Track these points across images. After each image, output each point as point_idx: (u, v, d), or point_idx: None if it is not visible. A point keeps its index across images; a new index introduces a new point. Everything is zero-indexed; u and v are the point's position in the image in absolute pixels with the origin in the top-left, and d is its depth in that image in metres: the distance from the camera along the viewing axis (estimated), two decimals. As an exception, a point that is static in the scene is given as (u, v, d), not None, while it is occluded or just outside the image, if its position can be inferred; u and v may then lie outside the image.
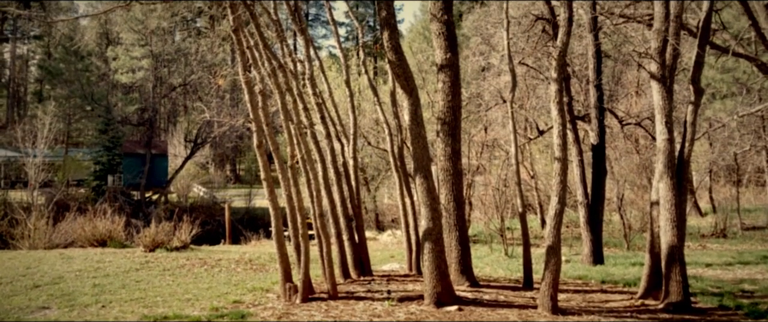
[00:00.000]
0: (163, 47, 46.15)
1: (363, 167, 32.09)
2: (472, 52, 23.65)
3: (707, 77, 31.00)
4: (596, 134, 14.86)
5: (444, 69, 8.53)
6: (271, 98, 11.00)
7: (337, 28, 13.29)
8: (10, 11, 44.39)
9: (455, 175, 9.12)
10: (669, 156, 8.85)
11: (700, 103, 9.85)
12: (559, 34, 8.69)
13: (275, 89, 9.20)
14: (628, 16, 14.26)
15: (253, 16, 9.46)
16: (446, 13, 8.11)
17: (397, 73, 7.66)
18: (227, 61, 55.19)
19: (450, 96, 8.65)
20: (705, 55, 9.91)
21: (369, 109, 29.50)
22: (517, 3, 18.21)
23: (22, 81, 63.43)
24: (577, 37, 17.03)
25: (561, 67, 8.64)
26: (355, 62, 31.42)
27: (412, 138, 7.76)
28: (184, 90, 52.53)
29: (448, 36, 8.23)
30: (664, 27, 9.24)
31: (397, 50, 7.59)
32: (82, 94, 43.36)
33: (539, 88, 20.74)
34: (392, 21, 7.56)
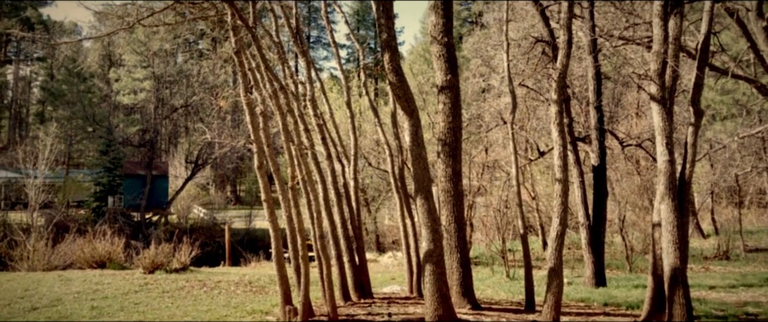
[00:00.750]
0: (165, 69, 46.47)
1: (364, 188, 32.05)
2: (472, 73, 23.77)
3: (707, 99, 31.10)
4: (597, 156, 14.85)
5: (444, 90, 8.56)
6: (272, 119, 11.04)
7: (338, 50, 13.38)
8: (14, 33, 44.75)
9: (456, 196, 9.09)
10: (670, 177, 8.83)
11: (700, 125, 9.86)
12: (559, 57, 8.74)
13: (276, 110, 9.22)
14: (627, 38, 14.37)
15: (254, 38, 9.53)
16: (446, 36, 8.17)
17: (397, 94, 7.69)
18: (229, 83, 55.51)
19: (450, 117, 8.67)
20: (704, 77, 9.95)
21: (370, 130, 29.57)
22: (517, 25, 18.36)
23: (24, 102, 63.76)
24: (576, 59, 17.13)
25: (561, 88, 8.67)
26: (356, 84, 31.60)
27: (413, 159, 7.75)
28: (186, 111, 52.74)
29: (448, 58, 8.28)
30: (663, 49, 9.30)
31: (398, 72, 7.62)
32: (84, 116, 43.53)
33: (539, 109, 20.80)
34: (393, 43, 7.60)
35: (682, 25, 9.87)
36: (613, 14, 15.32)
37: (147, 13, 10.63)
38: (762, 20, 12.58)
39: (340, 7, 14.17)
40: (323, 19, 13.83)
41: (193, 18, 12.29)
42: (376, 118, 12.91)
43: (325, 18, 13.37)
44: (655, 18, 9.44)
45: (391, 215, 32.76)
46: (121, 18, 11.03)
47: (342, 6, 19.75)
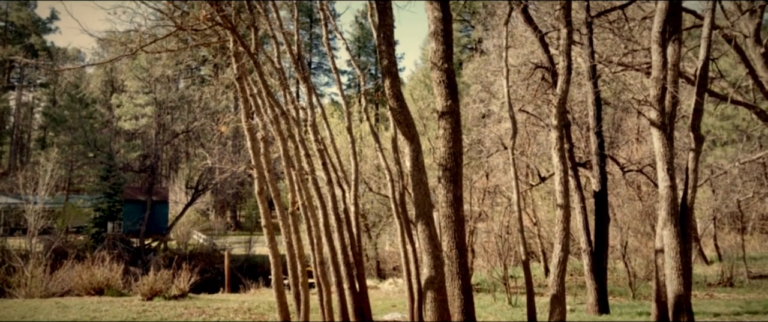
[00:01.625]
0: (166, 95, 46.76)
1: (364, 214, 31.93)
2: (472, 99, 23.90)
3: (707, 124, 31.19)
4: (598, 181, 14.82)
5: (445, 116, 8.58)
6: (273, 145, 11.05)
7: (339, 76, 13.47)
8: (17, 60, 45.19)
9: (457, 221, 9.03)
10: (672, 203, 8.80)
11: (700, 150, 9.86)
12: (559, 82, 8.79)
13: (277, 136, 9.24)
14: (626, 64, 14.47)
15: (256, 64, 9.60)
16: (447, 62, 8.21)
17: (398, 119, 7.70)
18: (230, 108, 55.80)
19: (451, 142, 8.67)
20: (704, 103, 9.99)
21: (370, 155, 29.58)
22: (517, 52, 18.51)
23: (25, 128, 64.01)
24: (576, 85, 17.22)
25: (561, 114, 8.69)
26: (357, 109, 31.73)
27: (414, 184, 7.73)
28: (187, 137, 52.90)
29: (448, 84, 8.32)
30: (662, 75, 9.35)
31: (399, 97, 7.64)
32: (85, 141, 43.65)
33: (540, 134, 20.84)
34: (393, 69, 7.64)
35: (681, 51, 9.95)
36: (612, 41, 15.45)
37: (150, 39, 10.73)
38: (760, 46, 12.68)
39: (341, 34, 14.30)
40: (324, 46, 13.95)
41: (195, 45, 12.38)
42: (377, 144, 12.93)
43: (326, 44, 13.49)
44: (654, 44, 9.52)
45: (391, 241, 32.57)
46: (124, 45, 11.12)
47: (343, 33, 20.18)
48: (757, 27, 12.76)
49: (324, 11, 13.45)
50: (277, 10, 13.60)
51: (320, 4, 13.75)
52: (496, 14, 22.50)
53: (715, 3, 10.68)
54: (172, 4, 11.01)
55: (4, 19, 57.44)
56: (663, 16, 9.49)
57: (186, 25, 10.62)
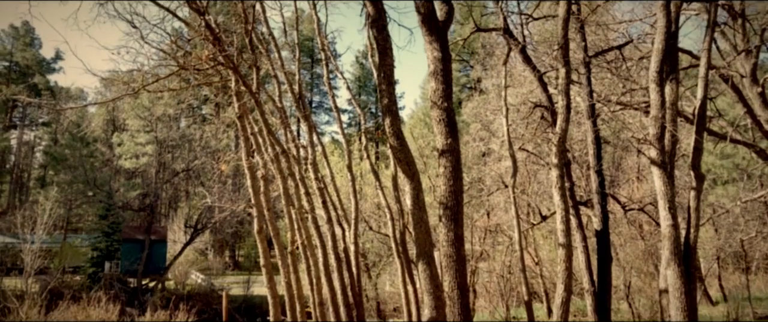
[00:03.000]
0: (167, 133, 46.98)
1: (364, 253, 31.63)
2: (472, 137, 23.99)
3: (707, 163, 31.23)
4: (599, 220, 14.72)
5: (445, 154, 8.59)
6: (273, 183, 11.02)
7: (339, 115, 13.55)
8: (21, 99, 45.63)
9: (459, 261, 8.92)
10: (675, 242, 8.71)
11: (702, 189, 9.82)
12: (558, 121, 8.83)
13: (278, 174, 9.22)
14: (624, 103, 14.57)
15: (257, 103, 9.67)
16: (446, 101, 8.27)
17: (398, 157, 7.69)
18: (231, 147, 56.00)
19: (452, 180, 8.65)
20: (703, 141, 10.01)
21: (371, 194, 29.50)
22: (516, 91, 18.68)
23: (26, 167, 64.09)
24: (575, 124, 17.30)
25: (561, 152, 8.70)
26: (358, 147, 31.82)
27: (414, 223, 7.66)
28: (187, 175, 52.90)
29: (448, 122, 8.35)
30: (660, 114, 9.40)
31: (399, 136, 7.66)
32: (85, 180, 43.62)
33: (540, 173, 20.83)
34: (393, 108, 7.68)
35: (679, 90, 10.03)
36: (610, 80, 15.60)
37: (152, 79, 10.84)
38: (757, 86, 12.79)
39: (342, 74, 14.47)
40: (326, 85, 14.10)
41: (197, 84, 12.52)
42: (377, 182, 12.92)
43: (327, 84, 13.62)
44: (652, 84, 9.60)
45: (392, 281, 32.16)
46: (126, 84, 11.23)
47: (344, 72, 20.54)
48: (754, 67, 12.90)
49: (325, 51, 13.63)
50: (279, 50, 13.80)
51: (322, 44, 13.95)
52: (494, 54, 22.81)
53: (711, 43, 10.83)
54: (175, 44, 11.17)
55: (8, 60, 58.24)
56: (660, 56, 9.60)
57: (188, 65, 10.74)
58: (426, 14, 7.83)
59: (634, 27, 15.13)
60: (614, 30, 15.12)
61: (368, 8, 7.56)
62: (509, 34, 13.01)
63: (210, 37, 10.44)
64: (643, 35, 14.35)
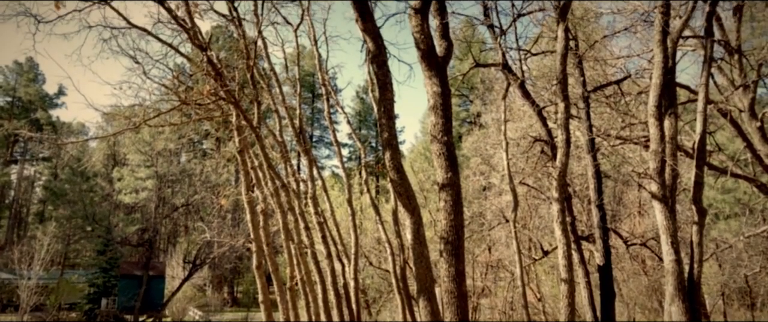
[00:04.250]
0: (168, 168, 46.99)
1: (364, 289, 31.23)
2: (472, 171, 23.98)
3: (709, 198, 31.14)
4: (602, 255, 14.58)
5: (445, 188, 8.56)
6: (272, 218, 10.95)
7: (340, 149, 13.58)
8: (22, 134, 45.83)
9: (460, 297, 8.79)
10: (678, 278, 8.61)
11: (704, 224, 9.75)
12: (558, 155, 8.83)
13: (277, 209, 9.18)
14: (624, 137, 14.61)
15: (258, 137, 9.69)
16: (446, 135, 8.29)
17: (399, 191, 7.67)
18: (231, 181, 55.95)
19: (452, 215, 8.60)
20: (704, 176, 9.99)
21: (371, 228, 29.31)
22: (515, 125, 18.76)
23: (25, 202, 63.90)
24: (575, 158, 17.31)
25: (562, 187, 8.68)
26: (358, 181, 31.78)
27: (415, 258, 7.58)
28: (186, 210, 52.69)
29: (448, 156, 8.35)
30: (660, 148, 9.41)
31: (399, 170, 7.65)
32: (84, 215, 43.45)
33: (541, 207, 20.75)
34: (394, 142, 7.69)
35: (678, 125, 10.06)
36: (609, 115, 15.68)
37: (154, 114, 10.89)
38: (755, 120, 12.84)
39: (342, 108, 14.57)
40: (326, 120, 14.18)
41: (198, 119, 12.58)
42: (378, 216, 12.85)
43: (328, 118, 13.70)
44: (651, 118, 9.64)
45: (392, 318, 31.67)
46: (128, 118, 11.29)
47: (345, 107, 20.85)
48: (752, 102, 12.98)
49: (326, 86, 13.74)
50: (281, 85, 13.92)
51: (322, 79, 14.07)
52: (493, 89, 23.00)
53: (709, 78, 10.91)
54: (176, 79, 11.27)
55: (11, 95, 58.75)
56: (658, 91, 9.66)
57: (190, 100, 10.82)
58: (425, 50, 7.91)
59: (632, 62, 15.32)
60: (612, 65, 15.27)
61: (368, 44, 7.64)
62: (508, 70, 13.13)
63: (212, 72, 10.54)
64: (640, 70, 14.48)
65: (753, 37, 21.62)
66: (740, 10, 13.04)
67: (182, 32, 10.92)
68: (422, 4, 7.90)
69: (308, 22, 14.69)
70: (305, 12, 14.72)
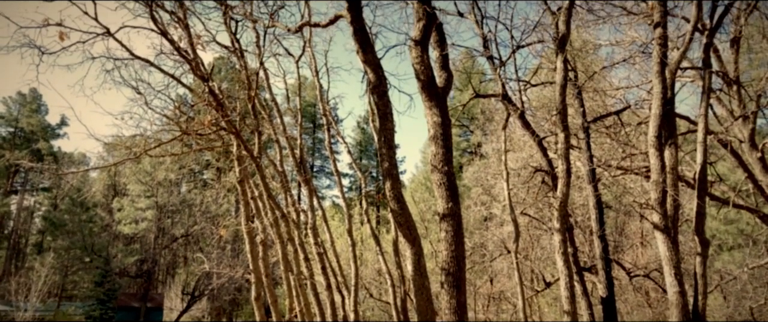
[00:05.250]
0: (168, 198, 46.90)
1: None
2: (473, 201, 23.90)
3: (711, 228, 30.96)
4: (605, 286, 14.42)
5: (446, 218, 8.52)
6: (272, 248, 10.87)
7: (340, 179, 13.56)
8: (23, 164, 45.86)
9: (461, 330, 8.66)
10: (683, 310, 8.49)
11: (707, 255, 9.66)
12: (559, 186, 8.80)
13: (277, 239, 9.12)
14: (625, 168, 14.60)
15: (258, 167, 9.68)
16: (447, 165, 8.28)
17: (399, 222, 7.62)
18: (231, 212, 55.73)
19: (453, 246, 8.53)
20: (706, 206, 9.93)
21: (371, 259, 29.08)
22: (516, 155, 18.77)
23: (24, 232, 63.58)
24: (576, 188, 17.27)
25: (563, 217, 8.62)
26: (358, 211, 31.66)
27: (416, 289, 7.49)
28: (186, 241, 52.39)
29: (449, 186, 8.33)
30: (661, 178, 9.38)
31: (399, 200, 7.62)
32: (83, 246, 43.20)
33: (543, 238, 20.61)
34: (394, 172, 7.68)
35: (678, 155, 10.05)
36: (610, 145, 15.70)
37: (154, 143, 10.92)
38: (756, 151, 12.84)
39: (343, 138, 14.61)
40: (327, 149, 14.20)
41: (199, 148, 12.60)
42: (378, 247, 12.75)
43: (328, 148, 13.72)
44: (651, 149, 9.63)
45: (393, 350, 31.15)
46: (129, 148, 11.31)
47: (345, 137, 21.06)
48: (752, 132, 13.00)
49: (327, 116, 13.80)
50: (282, 115, 13.98)
51: (324, 109, 14.14)
52: (494, 119, 23.10)
53: (708, 109, 10.95)
54: (178, 110, 11.33)
55: (14, 125, 59.03)
56: (657, 121, 9.68)
57: (191, 130, 10.85)
58: (426, 81, 7.97)
59: (631, 93, 15.41)
60: (611, 96, 15.36)
61: (369, 75, 7.70)
62: (508, 100, 13.20)
63: (213, 102, 10.60)
64: (640, 101, 14.56)
65: (751, 68, 21.81)
66: (737, 41, 13.17)
67: (184, 63, 11.03)
68: (422, 36, 7.98)
69: (310, 53, 14.84)
70: (307, 44, 14.88)
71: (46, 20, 10.01)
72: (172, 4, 11.60)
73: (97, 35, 10.40)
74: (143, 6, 10.70)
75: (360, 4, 7.76)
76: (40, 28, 10.04)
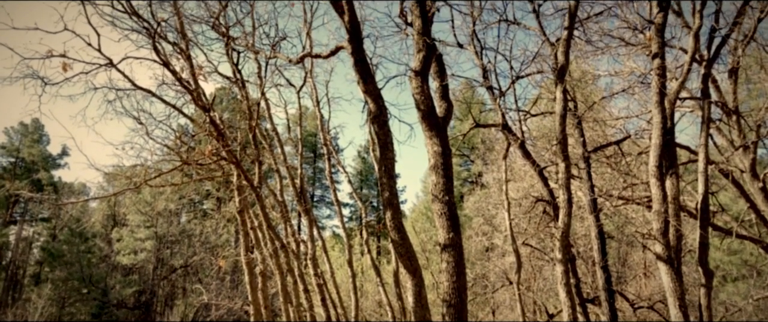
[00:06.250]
0: (167, 229, 46.70)
1: (365, 354, 30.31)
2: (475, 232, 23.77)
3: (715, 259, 30.70)
4: (608, 318, 14.21)
5: (447, 249, 8.45)
6: (271, 279, 10.75)
7: (340, 209, 13.51)
8: (22, 195, 45.84)
9: (463, 363, 8.50)
10: (689, 342, 8.34)
11: (712, 286, 9.55)
12: (560, 216, 8.75)
13: (276, 270, 9.03)
14: (626, 198, 14.54)
15: (258, 197, 9.65)
16: (448, 194, 8.25)
17: (400, 252, 7.55)
18: (230, 242, 55.40)
19: (455, 277, 8.44)
20: (709, 237, 9.86)
21: (371, 291, 28.77)
22: (517, 185, 18.74)
23: (22, 263, 63.08)
24: (578, 219, 17.18)
25: (565, 248, 8.55)
26: (359, 242, 31.46)
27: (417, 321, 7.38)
28: (185, 272, 51.97)
29: (450, 216, 8.29)
30: (663, 208, 9.33)
31: (400, 230, 7.56)
32: (81, 277, 42.84)
33: (545, 269, 20.42)
34: (395, 201, 7.64)
35: (679, 185, 10.02)
36: (611, 175, 15.67)
37: (155, 173, 10.91)
38: (758, 181, 12.81)
39: (344, 168, 14.61)
40: (327, 179, 14.19)
41: (199, 179, 12.59)
42: (378, 278, 12.63)
43: (329, 178, 13.71)
44: (652, 179, 9.61)
45: (393, 384, 30.57)
46: (129, 178, 11.30)
47: (346, 166, 21.13)
48: (753, 162, 12.99)
49: (328, 146, 13.82)
50: (282, 145, 14.01)
51: (324, 139, 14.17)
52: (494, 149, 23.13)
53: (708, 139, 10.97)
54: (179, 140, 11.35)
55: (15, 156, 59.14)
56: (658, 151, 9.69)
57: (192, 160, 10.85)
58: (426, 111, 7.99)
59: (631, 123, 15.47)
60: (611, 125, 15.40)
61: (370, 105, 7.73)
62: (508, 130, 13.24)
63: (214, 132, 10.63)
64: (640, 131, 14.59)
65: (750, 98, 21.94)
66: (735, 72, 13.26)
67: (186, 93, 11.10)
68: (422, 67, 8.04)
69: (311, 83, 14.95)
70: (308, 74, 15.01)
71: (50, 51, 10.11)
72: (175, 35, 11.75)
73: (100, 66, 10.49)
74: (146, 37, 10.82)
75: (361, 36, 7.84)
76: (44, 59, 10.13)
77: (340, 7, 7.79)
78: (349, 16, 7.72)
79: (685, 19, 13.14)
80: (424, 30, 8.18)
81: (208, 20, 12.35)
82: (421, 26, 8.14)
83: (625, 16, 12.69)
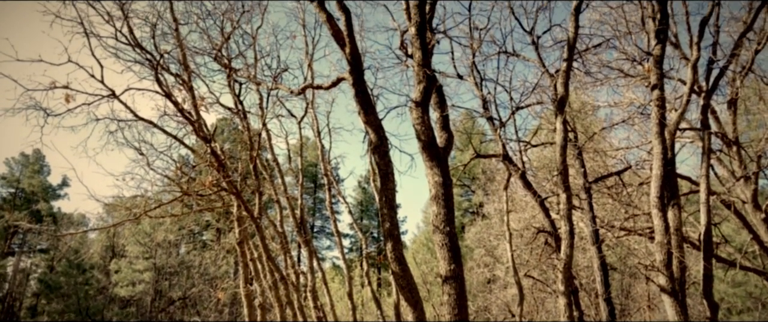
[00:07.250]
0: (166, 260, 46.35)
1: (365, 389, 29.73)
2: (476, 263, 23.56)
3: (719, 291, 30.36)
4: (613, 352, 13.97)
5: (449, 281, 8.36)
6: (270, 312, 10.61)
7: (341, 240, 13.42)
8: (21, 226, 45.70)
9: (466, 398, 8.32)
10: (697, 377, 8.18)
11: (717, 318, 9.42)
12: (563, 247, 8.68)
13: (276, 303, 8.92)
14: (628, 229, 14.45)
15: (258, 228, 9.59)
16: (449, 225, 8.20)
17: (401, 284, 7.47)
18: (230, 274, 54.87)
19: (456, 309, 8.32)
20: (712, 269, 9.76)
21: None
22: (518, 216, 18.64)
23: (18, 295, 62.43)
24: (580, 250, 17.04)
25: (568, 279, 8.46)
26: (359, 273, 31.19)
27: (418, 356, 7.25)
28: (183, 304, 51.37)
29: (451, 247, 8.22)
30: (665, 240, 9.26)
31: (401, 261, 7.49)
32: (78, 309, 42.33)
33: (548, 301, 20.17)
34: (396, 232, 7.59)
35: (681, 216, 9.97)
36: (612, 205, 15.60)
37: (155, 204, 10.87)
38: (760, 212, 12.74)
39: (344, 198, 14.57)
40: (328, 210, 14.13)
41: (199, 210, 12.54)
42: (379, 311, 12.46)
43: (329, 208, 13.65)
44: (654, 209, 9.56)
45: None
46: (129, 209, 11.25)
47: (346, 197, 21.13)
48: (754, 193, 12.95)
49: (328, 176, 13.81)
50: (283, 175, 14.00)
51: (325, 169, 14.17)
52: (495, 179, 23.09)
53: (709, 170, 10.95)
54: (180, 170, 11.35)
55: (15, 186, 59.10)
56: (659, 182, 9.66)
57: (192, 191, 10.83)
58: (426, 141, 8.00)
59: (632, 153, 15.48)
60: (612, 156, 15.41)
61: (370, 135, 7.75)
62: (509, 161, 13.24)
63: (215, 163, 10.63)
64: (641, 161, 14.59)
65: (749, 129, 22.00)
66: (734, 103, 13.33)
67: (187, 124, 11.15)
68: (423, 98, 8.09)
69: (312, 114, 15.03)
70: (309, 105, 15.10)
71: (54, 83, 10.19)
72: (178, 67, 11.87)
73: (102, 97, 10.57)
74: (149, 69, 10.92)
75: (362, 67, 7.91)
76: (47, 91, 10.21)
77: (342, 39, 7.88)
78: (350, 48, 7.80)
79: (682, 50, 13.27)
80: (425, 61, 8.26)
81: (210, 52, 12.50)
82: (422, 58, 8.22)
83: (624, 47, 12.83)
